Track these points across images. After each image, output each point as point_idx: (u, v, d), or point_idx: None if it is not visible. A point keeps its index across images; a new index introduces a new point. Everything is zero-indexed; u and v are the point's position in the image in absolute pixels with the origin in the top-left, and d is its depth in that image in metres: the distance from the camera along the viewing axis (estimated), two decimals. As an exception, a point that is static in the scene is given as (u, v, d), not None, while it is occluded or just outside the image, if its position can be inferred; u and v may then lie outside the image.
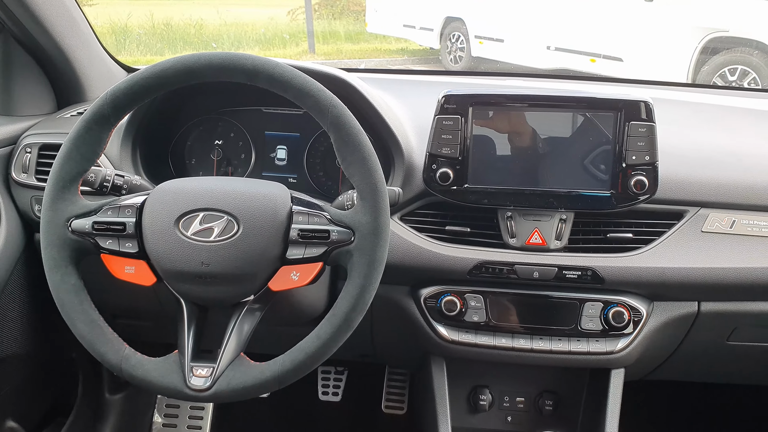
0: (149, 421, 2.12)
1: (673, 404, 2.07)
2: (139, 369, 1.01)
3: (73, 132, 1.01)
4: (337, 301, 1.00)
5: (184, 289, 1.03)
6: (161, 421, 2.12)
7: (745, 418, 2.06)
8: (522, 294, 1.32)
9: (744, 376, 1.66)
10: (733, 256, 1.27)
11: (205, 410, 2.14)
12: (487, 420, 1.51)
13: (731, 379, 1.69)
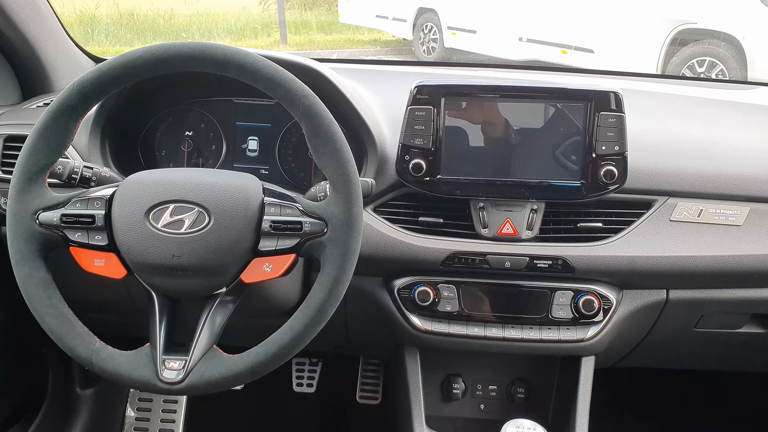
0: (122, 415, 2.10)
1: (642, 391, 2.10)
2: (110, 363, 1.00)
3: (40, 123, 1.00)
4: (310, 293, 0.99)
5: (155, 281, 1.02)
6: (134, 415, 2.10)
7: (713, 403, 2.11)
8: (494, 283, 1.33)
9: (711, 362, 1.70)
10: (701, 245, 1.29)
11: (178, 404, 2.12)
12: (461, 408, 1.52)
13: (699, 365, 1.72)
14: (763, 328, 1.43)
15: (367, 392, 2.19)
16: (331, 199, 0.99)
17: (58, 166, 1.09)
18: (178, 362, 0.99)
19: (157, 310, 1.04)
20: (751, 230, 1.30)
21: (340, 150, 0.98)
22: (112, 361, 1.00)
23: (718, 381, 2.08)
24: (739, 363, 1.69)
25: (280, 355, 0.99)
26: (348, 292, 1.03)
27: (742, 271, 1.29)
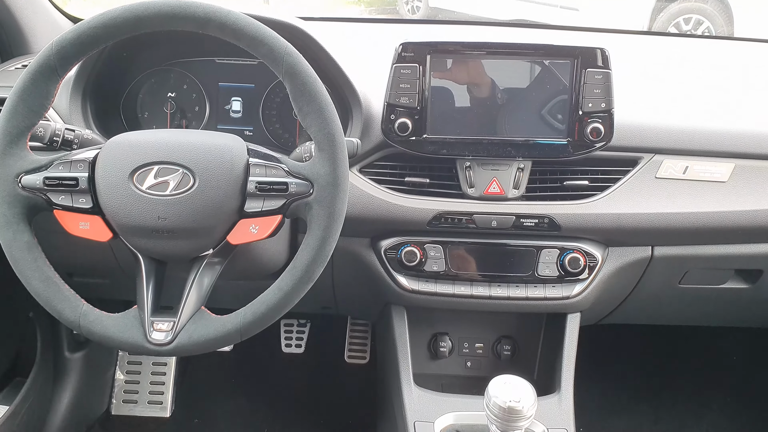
0: (111, 378, 2.11)
1: (626, 347, 2.14)
2: (98, 325, 1.00)
3: (18, 84, 0.98)
4: (297, 254, 0.99)
5: (141, 244, 1.02)
6: (123, 378, 2.12)
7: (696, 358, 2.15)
8: (480, 243, 1.34)
9: (695, 318, 1.72)
10: (686, 202, 1.30)
11: (167, 366, 2.13)
12: (447, 366, 1.54)
13: (682, 320, 1.75)
14: (746, 284, 1.45)
15: (355, 352, 2.22)
16: (316, 160, 0.98)
17: (39, 128, 1.08)
18: (166, 324, 0.99)
19: (143, 273, 1.04)
20: (735, 187, 1.31)
21: (325, 109, 0.97)
22: (100, 324, 1.00)
23: (701, 336, 2.12)
24: (723, 318, 1.72)
25: (268, 315, 0.99)
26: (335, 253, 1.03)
27: (727, 227, 1.30)
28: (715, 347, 2.13)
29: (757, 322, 1.78)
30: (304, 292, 1.00)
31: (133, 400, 2.09)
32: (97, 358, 2.02)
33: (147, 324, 1.00)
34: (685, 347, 2.14)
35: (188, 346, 0.99)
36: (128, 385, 2.11)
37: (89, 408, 2.01)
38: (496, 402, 1.03)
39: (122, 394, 2.10)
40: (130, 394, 2.10)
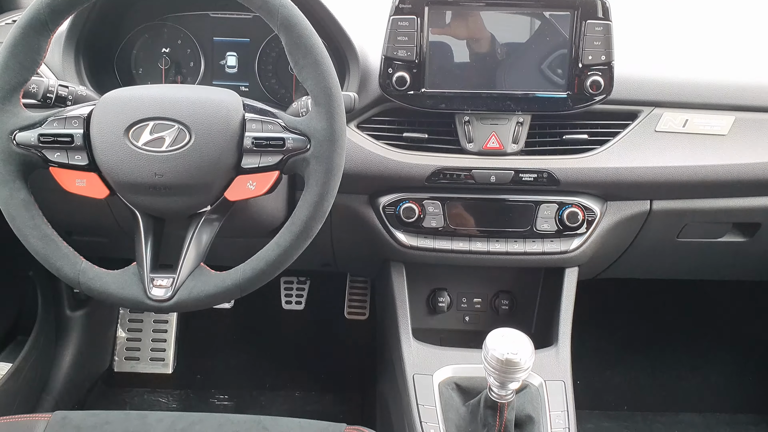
0: (113, 336, 2.13)
1: (624, 301, 2.16)
2: (98, 282, 1.00)
3: (9, 40, 0.96)
4: (295, 210, 0.99)
5: (138, 201, 1.02)
6: (125, 335, 2.14)
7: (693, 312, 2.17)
8: (479, 198, 1.34)
9: (693, 272, 1.73)
10: (686, 155, 1.29)
11: (168, 323, 2.16)
12: (446, 321, 1.56)
13: (681, 274, 1.76)
14: (744, 237, 1.45)
15: (354, 308, 2.23)
16: (313, 114, 0.97)
17: (32, 85, 1.06)
18: (165, 280, 1.00)
19: (142, 230, 1.04)
20: (735, 139, 1.30)
21: (321, 62, 0.95)
22: (99, 281, 1.00)
23: (698, 290, 2.14)
24: (720, 272, 1.73)
25: (268, 271, 0.99)
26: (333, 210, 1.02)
27: (726, 180, 1.30)
28: (712, 300, 2.15)
29: (754, 276, 1.79)
30: (303, 249, 1.00)
31: (135, 357, 2.12)
32: (98, 316, 2.03)
33: (147, 280, 1.00)
34: (682, 301, 2.16)
35: (188, 301, 1.00)
36: (130, 343, 2.13)
37: (92, 365, 2.03)
38: (494, 354, 1.04)
39: (124, 351, 2.13)
40: (132, 352, 2.13)
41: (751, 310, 2.15)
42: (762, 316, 2.14)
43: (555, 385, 1.28)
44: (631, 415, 2.02)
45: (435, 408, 1.24)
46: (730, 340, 2.13)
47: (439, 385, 1.28)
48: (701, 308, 2.16)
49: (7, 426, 1.12)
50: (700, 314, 2.16)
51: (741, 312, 2.15)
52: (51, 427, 1.13)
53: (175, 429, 1.14)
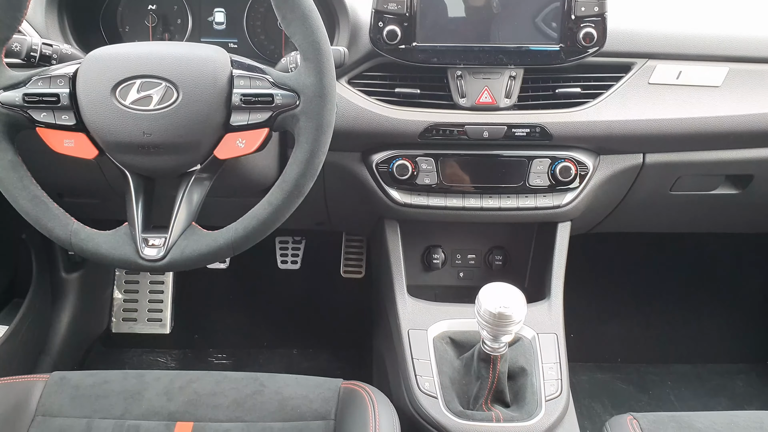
0: (110, 297, 2.14)
1: (617, 255, 2.17)
2: (90, 242, 1.00)
3: None
4: (286, 168, 0.98)
5: (127, 160, 1.01)
6: (122, 297, 2.15)
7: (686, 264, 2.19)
8: (472, 155, 1.33)
9: (685, 225, 1.74)
10: (679, 107, 1.28)
11: (165, 284, 2.16)
12: (440, 277, 1.57)
13: (673, 227, 1.77)
14: (736, 189, 1.45)
15: (351, 267, 2.24)
16: (302, 70, 0.96)
17: (15, 43, 1.04)
18: (158, 240, 1.00)
19: (132, 190, 1.03)
20: (728, 91, 1.29)
21: (309, 16, 0.94)
22: (92, 241, 1.00)
23: (691, 243, 2.15)
24: (713, 224, 1.74)
25: (260, 229, 0.99)
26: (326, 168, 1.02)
27: (719, 132, 1.29)
28: (704, 253, 2.16)
29: (746, 228, 1.80)
30: (295, 207, 1.00)
31: (133, 318, 2.13)
32: (94, 278, 2.04)
33: (139, 240, 1.00)
34: (674, 254, 2.17)
35: (181, 261, 1.00)
36: (127, 304, 2.14)
37: (89, 326, 2.05)
38: (487, 308, 1.05)
39: (121, 312, 2.14)
40: (129, 313, 2.14)
41: (743, 262, 2.17)
42: (752, 269, 2.16)
43: (547, 337, 1.29)
44: (623, 367, 2.05)
45: (429, 362, 1.26)
46: (722, 292, 2.16)
47: (434, 340, 1.30)
48: (693, 261, 2.18)
49: (5, 387, 1.13)
50: (692, 267, 2.18)
51: (732, 264, 2.17)
52: (49, 387, 1.14)
53: (173, 387, 1.16)
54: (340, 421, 1.10)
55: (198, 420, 1.11)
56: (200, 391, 1.15)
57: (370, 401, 1.11)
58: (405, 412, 1.21)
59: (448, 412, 1.17)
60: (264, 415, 1.11)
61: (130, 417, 1.11)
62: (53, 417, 1.11)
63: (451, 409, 1.18)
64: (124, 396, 1.14)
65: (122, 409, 1.12)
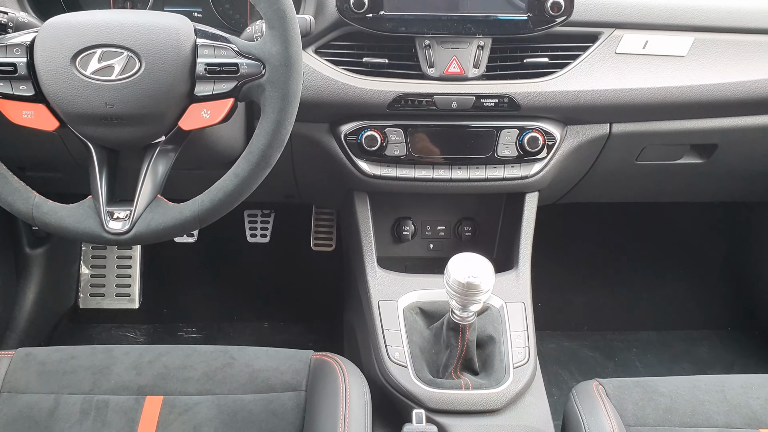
0: (76, 273, 2.11)
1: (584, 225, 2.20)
2: (53, 216, 0.98)
3: None
4: (252, 139, 0.97)
5: (90, 132, 0.99)
6: (89, 272, 2.12)
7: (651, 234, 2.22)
8: (441, 125, 1.33)
9: (651, 194, 1.76)
10: (645, 77, 1.29)
11: (133, 259, 2.14)
12: (410, 249, 1.57)
13: (639, 197, 1.79)
14: (700, 159, 1.47)
15: (321, 240, 2.24)
16: (267, 38, 0.94)
17: None
18: (123, 213, 0.98)
19: (96, 162, 1.01)
20: (694, 61, 1.30)
21: None
22: (55, 215, 0.98)
23: (656, 213, 2.18)
24: (677, 193, 1.77)
25: (226, 201, 0.98)
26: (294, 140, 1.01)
27: (684, 101, 1.30)
28: (669, 222, 2.20)
29: (710, 197, 1.83)
30: (262, 178, 0.99)
31: (101, 294, 2.11)
32: (60, 253, 2.01)
33: (103, 214, 0.98)
34: (640, 224, 2.20)
35: (147, 234, 0.98)
36: (94, 279, 2.12)
37: (56, 302, 2.02)
38: (456, 278, 1.06)
39: (89, 288, 2.11)
40: (96, 288, 2.11)
41: (706, 231, 2.21)
42: (716, 237, 2.20)
43: (515, 306, 1.31)
44: (590, 335, 2.09)
45: (399, 332, 1.26)
46: (686, 261, 2.20)
47: (404, 310, 1.31)
48: (658, 230, 2.22)
49: None
50: (657, 236, 2.22)
51: (696, 233, 2.21)
52: (15, 364, 1.13)
53: (142, 361, 1.15)
54: (311, 392, 1.10)
55: (168, 393, 1.10)
56: (170, 364, 1.14)
57: (341, 372, 1.12)
58: (375, 382, 1.22)
59: (417, 380, 1.18)
60: (234, 387, 1.11)
61: (99, 392, 1.10)
62: (19, 393, 1.09)
63: (420, 378, 1.19)
64: (92, 371, 1.13)
65: (90, 384, 1.11)
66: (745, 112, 1.36)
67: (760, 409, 1.11)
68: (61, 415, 1.07)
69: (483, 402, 1.16)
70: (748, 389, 1.14)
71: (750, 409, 1.11)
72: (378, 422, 1.18)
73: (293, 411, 1.08)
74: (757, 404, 1.12)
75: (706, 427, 1.09)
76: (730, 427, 1.09)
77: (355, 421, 1.04)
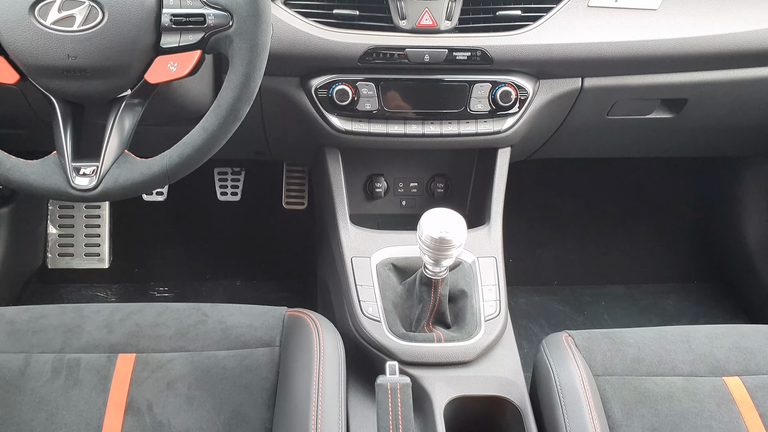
0: (44, 232, 2.07)
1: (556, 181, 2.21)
2: (16, 172, 0.96)
3: None
4: (221, 92, 0.95)
5: (52, 85, 0.96)
6: (56, 231, 2.08)
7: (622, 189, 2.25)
8: (413, 79, 1.31)
9: (621, 149, 1.78)
10: (617, 31, 1.29)
11: (101, 218, 2.11)
12: (383, 206, 1.57)
13: (609, 152, 1.81)
14: (671, 113, 1.48)
15: (293, 198, 2.22)
16: (234, -12, 0.92)
17: None
18: (89, 169, 0.96)
19: (59, 117, 0.98)
20: (665, 14, 1.30)
21: None
22: (18, 171, 0.96)
23: (626, 169, 2.20)
24: (647, 149, 1.78)
25: (195, 157, 0.97)
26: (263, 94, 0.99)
27: (656, 55, 1.30)
28: (638, 178, 2.23)
29: (679, 152, 1.85)
30: (231, 132, 0.97)
31: (69, 254, 2.08)
32: (25, 212, 1.97)
33: (69, 169, 0.96)
34: (610, 180, 2.22)
35: (114, 190, 0.96)
36: (62, 239, 2.08)
37: (23, 262, 1.99)
38: (428, 233, 1.06)
39: (57, 248, 2.08)
40: (65, 248, 2.08)
41: (675, 186, 2.24)
42: (684, 192, 2.24)
43: (487, 261, 1.32)
44: (560, 289, 2.12)
45: (373, 287, 1.27)
46: (654, 215, 2.23)
47: (377, 266, 1.31)
48: (627, 186, 2.24)
49: None
50: (626, 191, 2.24)
51: (665, 188, 2.24)
52: None
53: (113, 320, 1.14)
54: (285, 347, 1.10)
55: (140, 351, 1.10)
56: (141, 322, 1.14)
57: (315, 327, 1.12)
58: (349, 336, 1.23)
59: (391, 334, 1.19)
60: (208, 344, 1.11)
61: (70, 350, 1.09)
62: (-12, 353, 1.08)
63: (394, 332, 1.20)
64: (63, 330, 1.11)
65: (61, 343, 1.10)
66: (715, 66, 1.37)
67: (723, 358, 1.14)
68: (32, 374, 1.06)
69: (455, 354, 1.17)
70: (713, 339, 1.17)
71: (714, 357, 1.14)
72: (352, 376, 1.20)
73: (267, 366, 1.09)
74: (721, 353, 1.15)
75: (671, 376, 1.12)
76: (695, 375, 1.12)
77: (330, 375, 1.05)
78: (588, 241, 2.21)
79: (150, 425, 1.02)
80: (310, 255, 1.91)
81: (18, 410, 1.02)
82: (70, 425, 1.01)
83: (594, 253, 2.20)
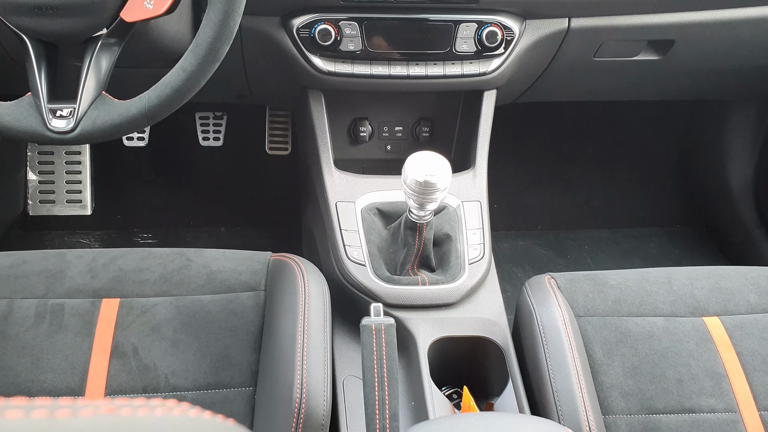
0: (23, 179, 2.04)
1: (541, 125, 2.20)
2: None
3: None
4: (199, 31, 0.93)
5: (24, 23, 0.93)
6: (36, 178, 2.05)
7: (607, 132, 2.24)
8: (398, 18, 1.29)
9: (607, 92, 1.76)
10: None
11: (82, 164, 2.07)
12: (368, 150, 1.56)
13: (596, 95, 1.79)
14: (657, 55, 1.47)
15: (276, 143, 2.19)
16: None
17: None
18: (66, 110, 0.94)
19: (33, 57, 0.95)
20: None
21: None
22: None
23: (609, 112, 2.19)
24: (634, 91, 1.77)
25: (175, 98, 0.95)
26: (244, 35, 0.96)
27: None
28: (622, 122, 2.22)
29: (664, 95, 1.84)
30: (211, 73, 0.95)
31: (51, 200, 2.05)
32: (3, 158, 1.93)
33: (45, 111, 0.94)
34: (594, 125, 2.22)
35: (93, 132, 0.94)
36: (43, 185, 2.05)
37: (4, 210, 1.96)
38: (413, 177, 1.05)
39: (38, 194, 2.05)
40: (46, 194, 2.05)
41: (659, 130, 2.24)
42: (667, 137, 2.24)
43: (471, 205, 1.32)
44: (544, 234, 2.14)
45: (358, 232, 1.27)
46: (638, 160, 2.23)
47: (362, 211, 1.30)
48: (611, 130, 2.23)
49: None
50: (610, 136, 2.23)
51: (649, 133, 2.24)
52: None
53: (96, 265, 1.13)
54: (270, 291, 1.11)
55: (124, 296, 1.09)
56: (125, 267, 1.13)
57: (300, 271, 1.12)
58: (334, 280, 1.24)
59: (376, 278, 1.20)
60: (192, 288, 1.11)
61: (53, 296, 1.08)
62: (-31, 299, 1.07)
63: (378, 275, 1.20)
64: (46, 275, 1.11)
65: (44, 289, 1.09)
66: (702, 7, 1.35)
67: (703, 299, 1.16)
68: (15, 320, 1.05)
69: (439, 296, 1.18)
70: (694, 280, 1.19)
71: (695, 298, 1.16)
72: (337, 319, 1.20)
73: (253, 309, 1.09)
74: (701, 294, 1.17)
75: (652, 316, 1.13)
76: (676, 315, 1.14)
77: (315, 317, 1.06)
78: (571, 184, 2.21)
79: (136, 368, 1.02)
80: (295, 200, 1.90)
81: (2, 356, 1.02)
82: (56, 369, 1.01)
83: (578, 198, 2.21)
